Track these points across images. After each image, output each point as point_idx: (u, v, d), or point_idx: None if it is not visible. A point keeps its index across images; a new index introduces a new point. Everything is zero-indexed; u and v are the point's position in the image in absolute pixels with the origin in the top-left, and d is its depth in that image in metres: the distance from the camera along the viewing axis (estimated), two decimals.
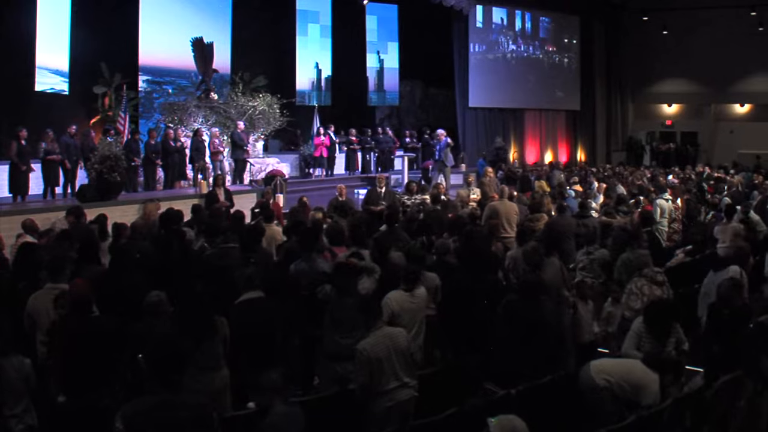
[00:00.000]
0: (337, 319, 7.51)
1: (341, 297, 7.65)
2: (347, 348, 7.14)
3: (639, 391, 6.63)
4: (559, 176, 23.56)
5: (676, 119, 39.09)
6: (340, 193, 15.49)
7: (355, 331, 7.28)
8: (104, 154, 16.32)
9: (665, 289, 8.93)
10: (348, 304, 7.46)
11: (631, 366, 6.87)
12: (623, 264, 9.79)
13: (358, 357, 6.61)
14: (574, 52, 36.93)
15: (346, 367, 7.20)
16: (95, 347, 6.48)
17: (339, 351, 7.40)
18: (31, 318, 7.32)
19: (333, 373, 7.46)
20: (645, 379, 6.65)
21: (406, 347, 6.85)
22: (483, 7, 32.81)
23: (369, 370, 6.56)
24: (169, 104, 22.67)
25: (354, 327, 7.33)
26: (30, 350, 7.02)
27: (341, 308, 7.54)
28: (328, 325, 7.58)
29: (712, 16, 34.72)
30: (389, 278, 8.38)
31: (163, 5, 24.22)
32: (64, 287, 7.31)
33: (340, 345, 7.40)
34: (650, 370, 6.70)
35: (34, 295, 7.47)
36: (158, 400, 4.72)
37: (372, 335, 6.74)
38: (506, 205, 13.76)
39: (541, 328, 7.39)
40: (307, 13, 29.06)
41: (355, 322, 7.28)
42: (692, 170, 27.60)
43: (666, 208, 15.54)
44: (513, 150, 33.69)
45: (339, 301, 7.63)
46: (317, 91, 29.58)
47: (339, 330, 7.49)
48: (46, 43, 20.85)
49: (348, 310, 7.41)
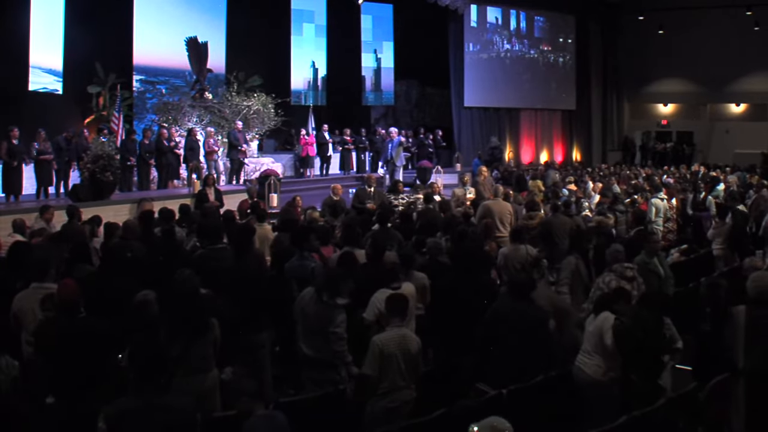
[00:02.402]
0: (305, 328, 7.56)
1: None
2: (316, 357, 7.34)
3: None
4: (555, 176, 23.55)
5: (671, 119, 39.14)
6: (335, 193, 15.41)
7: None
8: (97, 154, 16.29)
9: (635, 285, 8.85)
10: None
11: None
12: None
13: (372, 348, 6.64)
14: (570, 52, 36.92)
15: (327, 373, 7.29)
16: (83, 348, 6.39)
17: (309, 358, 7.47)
18: (16, 318, 7.27)
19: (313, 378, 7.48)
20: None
21: (416, 353, 6.85)
22: (477, 7, 32.79)
23: (378, 364, 6.58)
24: (163, 104, 22.65)
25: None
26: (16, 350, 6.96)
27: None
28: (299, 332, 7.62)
29: (707, 16, 34.79)
30: (382, 278, 8.33)
31: (158, 5, 24.17)
32: (51, 287, 7.24)
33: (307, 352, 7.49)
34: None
35: (20, 296, 7.43)
36: (141, 402, 4.71)
37: (389, 331, 6.78)
38: (500, 204, 13.72)
39: (531, 328, 7.35)
40: (302, 12, 29.08)
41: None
42: (688, 170, 27.59)
43: (661, 207, 15.52)
44: (508, 150, 33.69)
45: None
46: (312, 90, 29.60)
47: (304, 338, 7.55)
48: (40, 42, 20.82)
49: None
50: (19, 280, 8.11)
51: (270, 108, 23.16)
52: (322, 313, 7.33)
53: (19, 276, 8.10)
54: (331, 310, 7.30)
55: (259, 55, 27.33)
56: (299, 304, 7.65)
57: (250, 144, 22.68)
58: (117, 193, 17.19)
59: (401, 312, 6.94)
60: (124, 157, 18.49)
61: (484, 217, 13.06)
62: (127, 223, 11.00)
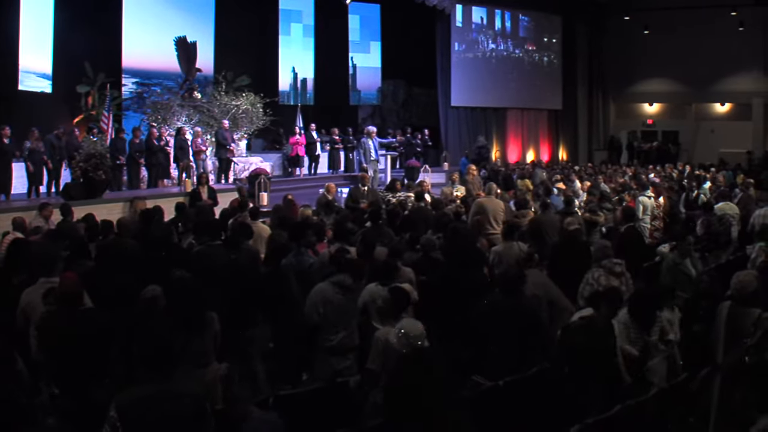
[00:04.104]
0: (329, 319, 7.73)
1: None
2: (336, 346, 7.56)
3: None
4: (542, 175, 23.70)
5: (657, 118, 39.32)
6: (329, 191, 15.49)
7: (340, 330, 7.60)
8: (89, 153, 16.31)
9: (624, 280, 8.98)
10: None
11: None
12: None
13: (375, 344, 6.71)
14: (555, 52, 37.10)
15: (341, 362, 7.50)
16: (86, 340, 6.45)
17: (330, 347, 7.68)
18: (24, 313, 7.30)
19: (328, 368, 7.63)
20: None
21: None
22: (462, 7, 32.91)
23: (382, 359, 6.62)
24: (152, 103, 22.68)
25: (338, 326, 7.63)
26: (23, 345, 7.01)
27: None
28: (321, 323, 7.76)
29: (693, 16, 34.93)
30: (374, 273, 8.44)
31: (146, 5, 24.26)
32: (55, 282, 7.30)
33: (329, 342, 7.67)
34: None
35: (27, 291, 7.44)
36: (153, 390, 4.78)
37: (391, 325, 6.80)
38: (493, 201, 13.73)
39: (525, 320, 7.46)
40: (290, 12, 29.22)
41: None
42: (674, 169, 27.78)
43: (648, 205, 15.66)
44: (495, 149, 33.81)
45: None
46: (300, 90, 29.67)
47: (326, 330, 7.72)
48: (30, 42, 20.85)
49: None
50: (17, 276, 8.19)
51: (258, 107, 23.23)
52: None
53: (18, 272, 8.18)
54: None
55: (247, 55, 27.40)
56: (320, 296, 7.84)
57: (238, 143, 22.73)
58: (107, 193, 17.20)
59: (404, 306, 7.03)
60: (113, 156, 18.51)
61: (477, 213, 13.14)
62: (121, 221, 11.08)
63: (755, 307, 7.02)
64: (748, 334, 6.79)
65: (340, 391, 6.93)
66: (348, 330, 7.76)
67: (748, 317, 6.95)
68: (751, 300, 7.09)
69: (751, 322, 6.88)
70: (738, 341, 6.81)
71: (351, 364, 7.71)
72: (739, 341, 6.78)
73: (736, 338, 6.89)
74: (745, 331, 6.85)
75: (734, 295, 7.20)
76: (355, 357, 7.77)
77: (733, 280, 7.31)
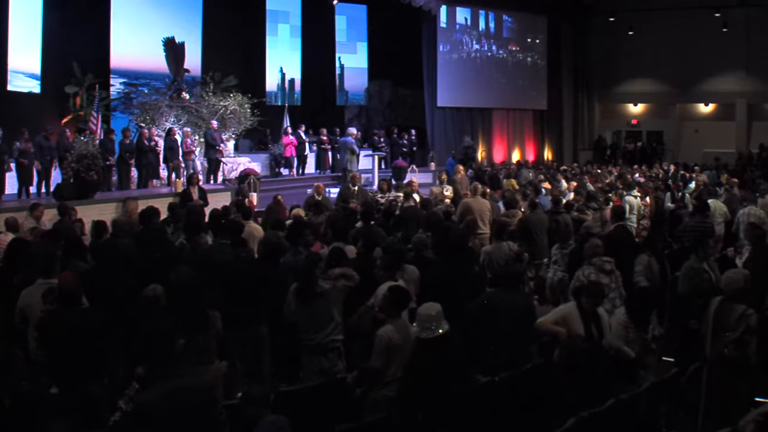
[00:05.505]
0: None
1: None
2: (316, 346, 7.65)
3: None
4: (527, 174, 23.83)
5: (642, 118, 39.55)
6: (318, 192, 15.58)
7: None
8: (81, 153, 16.31)
9: (613, 278, 9.16)
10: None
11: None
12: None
13: (377, 341, 6.72)
14: (540, 52, 37.22)
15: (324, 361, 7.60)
16: (84, 339, 6.53)
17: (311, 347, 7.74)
18: (23, 313, 7.37)
19: (316, 366, 7.69)
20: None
21: None
22: (447, 8, 32.99)
23: (385, 357, 6.68)
24: (141, 104, 22.70)
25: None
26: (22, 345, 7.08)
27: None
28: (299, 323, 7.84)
29: (677, 17, 35.12)
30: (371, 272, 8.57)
31: (134, 5, 24.28)
32: (53, 282, 7.37)
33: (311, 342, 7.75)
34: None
35: (26, 291, 7.51)
36: (171, 386, 4.86)
37: (392, 322, 6.83)
38: (479, 202, 13.88)
39: (520, 317, 7.59)
40: (277, 13, 29.24)
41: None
42: (660, 168, 27.96)
43: (635, 205, 15.84)
44: (481, 149, 33.93)
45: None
46: (287, 90, 29.72)
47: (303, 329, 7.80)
48: (19, 42, 20.84)
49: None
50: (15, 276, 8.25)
51: (246, 108, 23.27)
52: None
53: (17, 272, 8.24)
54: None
55: (234, 56, 27.46)
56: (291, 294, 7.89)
57: (226, 143, 22.78)
58: (98, 193, 17.21)
59: (404, 304, 7.14)
60: (103, 157, 18.53)
61: (464, 214, 13.25)
62: (116, 221, 11.16)
63: (742, 304, 7.20)
64: (732, 328, 6.98)
65: (338, 388, 7.03)
66: (326, 330, 7.75)
67: (734, 313, 7.13)
68: (738, 296, 7.26)
69: (735, 317, 7.08)
70: (723, 336, 7.00)
71: (335, 363, 7.76)
72: (722, 335, 6.99)
73: (721, 333, 7.08)
74: (729, 326, 7.04)
75: (724, 291, 7.38)
76: (341, 355, 7.85)
77: (723, 277, 7.50)
